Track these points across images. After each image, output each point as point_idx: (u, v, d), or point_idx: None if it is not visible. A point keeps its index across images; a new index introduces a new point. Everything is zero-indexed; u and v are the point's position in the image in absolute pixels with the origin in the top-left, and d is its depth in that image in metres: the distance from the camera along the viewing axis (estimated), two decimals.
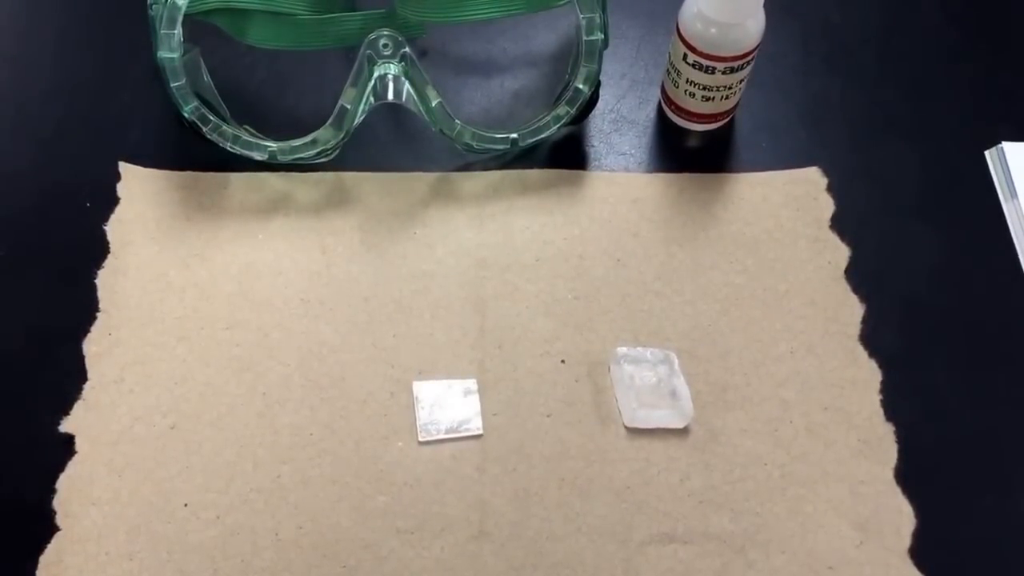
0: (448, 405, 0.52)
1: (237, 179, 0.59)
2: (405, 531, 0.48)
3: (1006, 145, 0.62)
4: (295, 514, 0.48)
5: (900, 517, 0.50)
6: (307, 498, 0.49)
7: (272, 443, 0.50)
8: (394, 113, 0.63)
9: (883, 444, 0.53)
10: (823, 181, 0.61)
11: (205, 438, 0.50)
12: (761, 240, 0.58)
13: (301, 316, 0.54)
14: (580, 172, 0.61)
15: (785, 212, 0.60)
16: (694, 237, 0.58)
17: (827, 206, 0.61)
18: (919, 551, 0.50)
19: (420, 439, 0.51)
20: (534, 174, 0.61)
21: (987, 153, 0.63)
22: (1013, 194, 0.60)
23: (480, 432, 0.51)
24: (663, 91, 0.64)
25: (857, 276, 0.57)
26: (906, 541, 0.50)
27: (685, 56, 0.58)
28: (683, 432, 0.52)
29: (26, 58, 0.66)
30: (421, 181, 0.59)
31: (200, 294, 0.54)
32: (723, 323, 0.55)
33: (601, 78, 0.59)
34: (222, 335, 0.53)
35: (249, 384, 0.52)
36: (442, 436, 0.51)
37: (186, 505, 0.48)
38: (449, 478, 0.49)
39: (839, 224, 0.59)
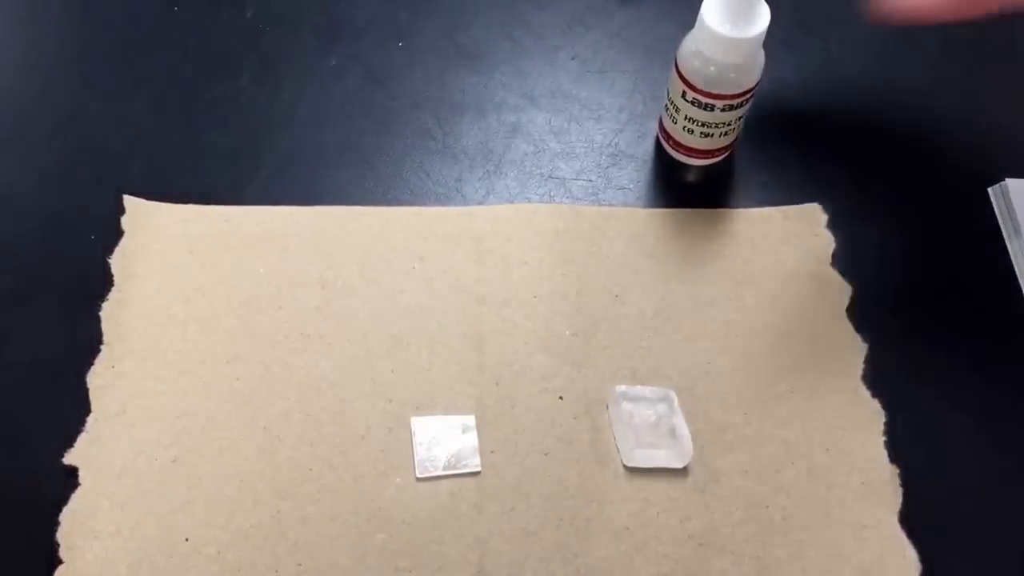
0: (446, 441, 0.52)
1: (239, 212, 0.59)
2: (403, 569, 0.48)
3: (1010, 182, 0.62)
4: (294, 551, 0.48)
5: (905, 563, 0.50)
6: (306, 535, 0.48)
7: (272, 478, 0.50)
8: (393, 145, 0.64)
9: (887, 487, 0.52)
10: (823, 218, 0.60)
11: (206, 472, 0.50)
12: (761, 277, 0.57)
13: (301, 350, 0.54)
14: (578, 207, 0.61)
15: (785, 248, 0.60)
16: (693, 273, 0.57)
17: (828, 243, 0.61)
18: None
19: (418, 475, 0.50)
20: (533, 208, 0.61)
21: (990, 190, 0.63)
22: (1018, 232, 0.60)
23: (478, 469, 0.51)
24: (661, 126, 0.64)
25: (859, 314, 0.56)
26: None
27: (684, 93, 0.58)
28: (682, 472, 0.51)
29: (29, 92, 0.66)
30: (421, 216, 0.59)
31: (202, 328, 0.54)
32: (722, 361, 0.54)
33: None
34: (223, 369, 0.53)
35: (250, 418, 0.52)
36: (440, 473, 0.51)
37: (187, 540, 0.48)
38: (447, 516, 0.49)
39: (840, 261, 0.58)
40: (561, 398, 0.53)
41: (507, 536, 0.49)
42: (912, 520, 0.51)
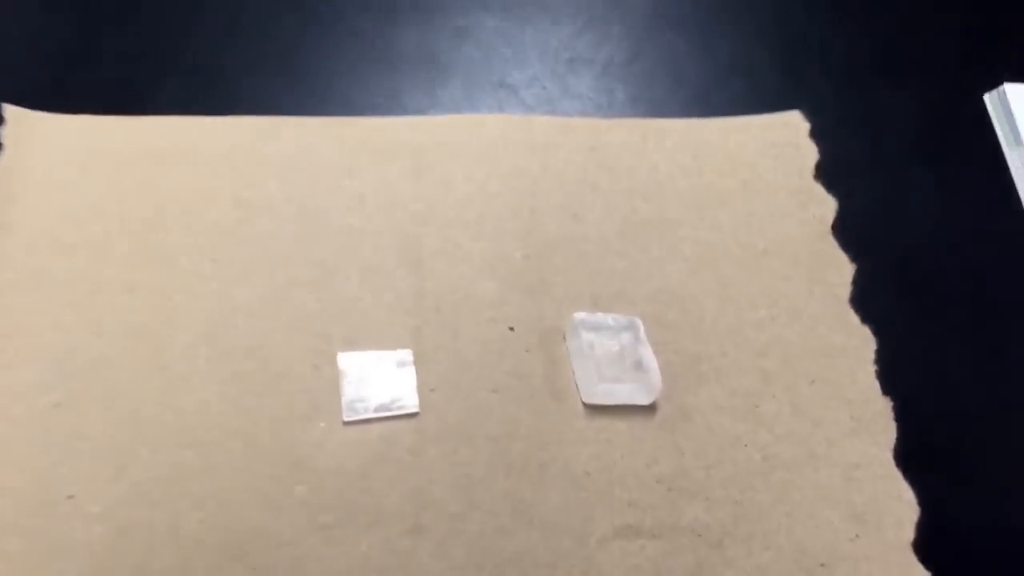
0: (379, 380, 0.46)
1: (141, 123, 0.52)
2: (327, 526, 0.43)
3: (1008, 87, 0.56)
4: (198, 507, 0.42)
5: (901, 505, 0.45)
6: (212, 489, 0.43)
7: (173, 425, 0.44)
8: (324, 50, 0.56)
9: (880, 421, 0.47)
10: (805, 126, 0.56)
11: (94, 418, 0.44)
12: (736, 192, 0.53)
13: (210, 278, 0.48)
14: (531, 117, 0.55)
15: (763, 161, 0.54)
16: (660, 189, 0.53)
17: (810, 154, 0.55)
18: (923, 544, 0.44)
19: (345, 419, 0.45)
20: (479, 120, 0.55)
21: (987, 96, 0.57)
22: (1018, 140, 0.54)
23: (415, 410, 0.45)
24: None
25: (846, 232, 0.52)
26: (908, 533, 0.44)
27: None
28: (650, 409, 0.46)
29: None
30: (352, 127, 0.53)
31: (94, 254, 0.48)
32: (694, 285, 0.50)
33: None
34: (119, 300, 0.47)
35: (148, 357, 0.46)
36: (371, 415, 0.45)
37: (70, 497, 0.42)
38: (379, 464, 0.44)
39: (824, 174, 0.54)
40: (511, 328, 0.48)
41: (449, 484, 0.44)
42: (908, 458, 0.46)
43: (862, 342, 0.49)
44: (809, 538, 0.44)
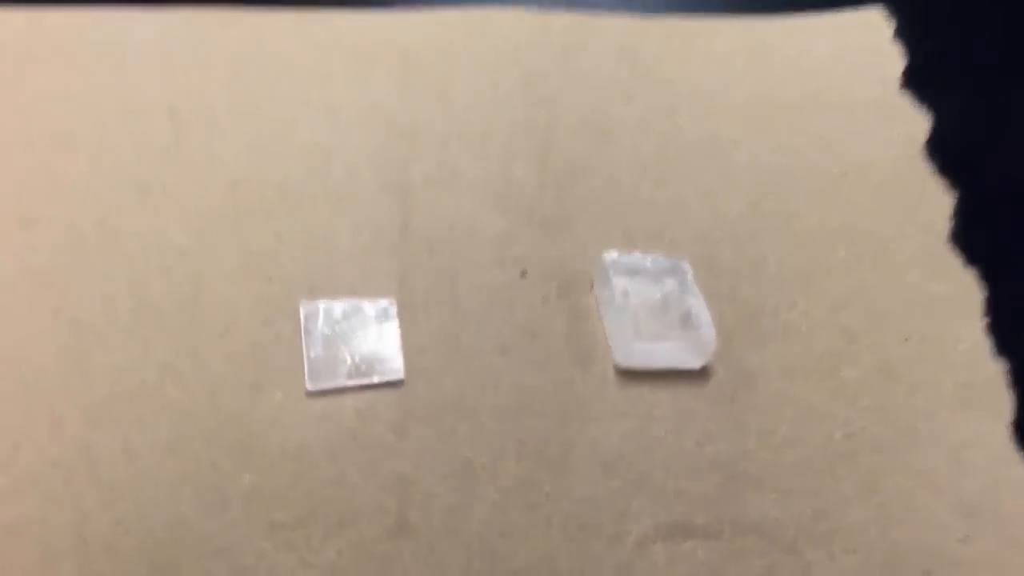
0: (353, 337, 0.38)
1: (50, 16, 0.45)
2: (283, 526, 0.34)
3: None
4: (111, 502, 0.34)
5: (1022, 495, 0.37)
6: (132, 478, 0.35)
7: (82, 395, 0.36)
8: None
9: (992, 389, 0.39)
10: (889, 26, 0.49)
11: None
12: (804, 107, 0.46)
13: (135, 209, 0.40)
14: (549, 14, 0.48)
15: (838, 68, 0.48)
16: (709, 103, 0.46)
17: (894, 59, 0.48)
18: None
19: (309, 388, 0.37)
20: (484, 16, 0.48)
21: None
22: None
23: (400, 376, 0.37)
24: None
25: (942, 153, 0.44)
26: None
27: None
28: (701, 375, 0.38)
29: None
30: (323, 23, 0.46)
31: None
32: (755, 221, 0.42)
33: None
34: (14, 237, 0.39)
35: (51, 308, 0.38)
36: (342, 383, 0.37)
37: None
38: (352, 446, 0.36)
39: (914, 83, 0.47)
40: (524, 273, 0.40)
41: (442, 473, 0.36)
42: None
43: (966, 290, 0.41)
44: (907, 538, 0.36)
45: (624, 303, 0.38)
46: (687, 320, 0.38)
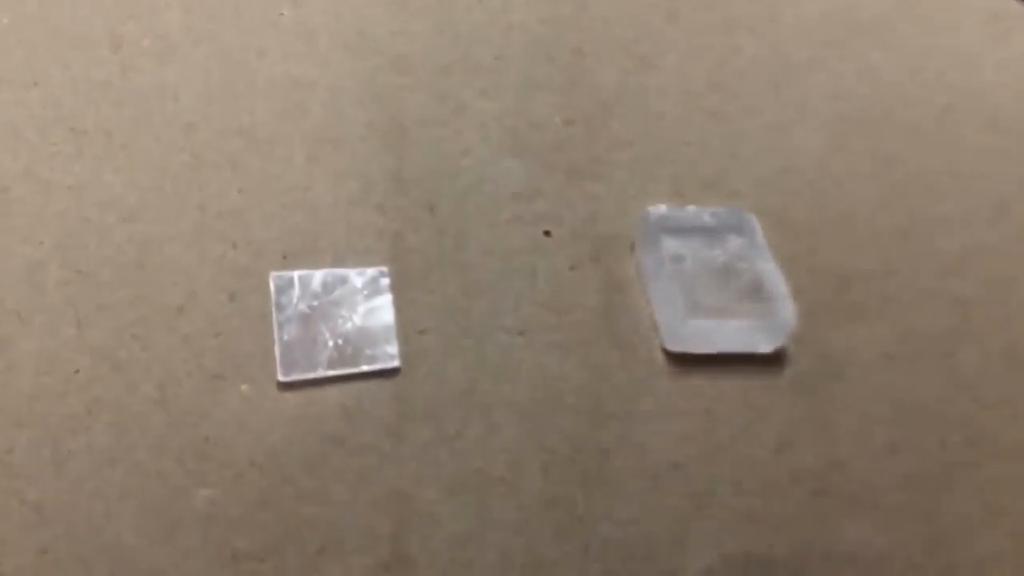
0: (336, 315, 0.31)
1: None
2: (249, 556, 0.28)
3: None
4: (37, 525, 0.28)
5: None
6: (61, 493, 0.29)
7: (3, 389, 0.30)
8: None
9: None
10: None
11: None
12: (896, 21, 0.40)
13: (70, 158, 0.34)
14: None
15: None
16: (775, 18, 0.39)
17: None
18: None
19: (282, 378, 0.30)
20: None
21: None
22: None
23: (395, 364, 0.30)
24: None
25: None
26: None
27: None
28: (775, 361, 0.31)
29: None
30: None
31: None
32: (838, 163, 0.36)
33: None
34: None
35: None
36: (324, 373, 0.30)
37: None
38: (336, 453, 0.29)
39: None
40: (547, 233, 0.33)
41: (448, 488, 0.29)
42: None
43: None
44: None
45: (675, 270, 0.31)
46: (757, 290, 0.31)
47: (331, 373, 0.30)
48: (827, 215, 0.34)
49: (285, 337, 0.30)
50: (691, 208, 0.32)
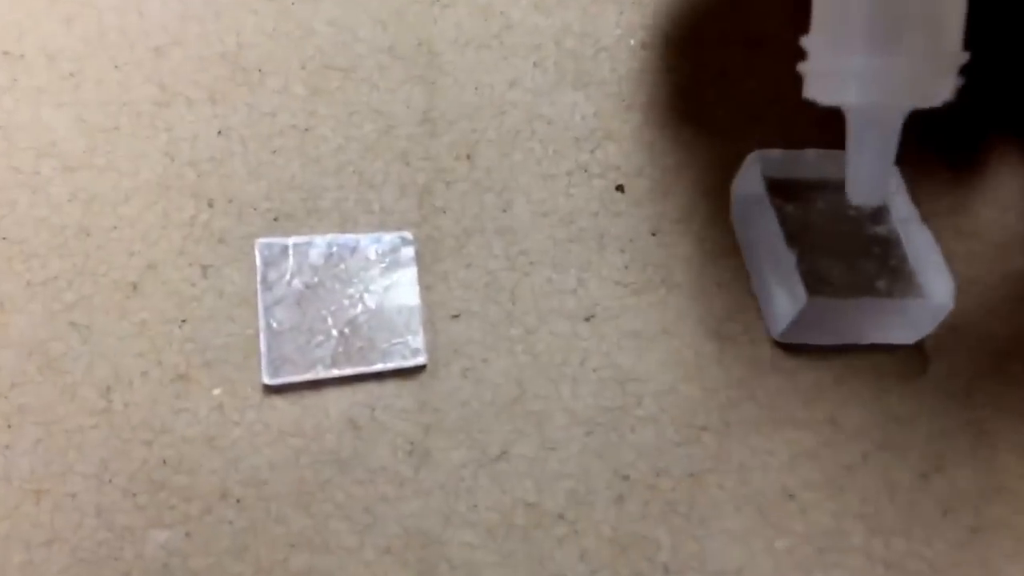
0: (342, 295, 0.23)
1: None
2: None
3: None
4: None
5: None
6: None
7: None
8: None
9: None
10: None
11: None
12: None
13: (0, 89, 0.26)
14: None
15: None
16: None
17: None
18: None
19: (268, 380, 0.22)
20: None
21: None
22: None
23: (420, 361, 0.23)
24: None
25: None
26: None
27: None
28: (921, 357, 0.23)
29: None
30: None
31: None
32: None
33: None
34: None
35: None
36: (323, 373, 0.22)
37: None
38: (340, 481, 0.22)
39: None
40: (620, 188, 0.25)
41: (487, 526, 0.22)
42: None
43: None
44: None
45: (789, 235, 0.23)
46: (900, 262, 0.23)
47: (334, 373, 0.22)
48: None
49: (274, 325, 0.23)
50: (810, 152, 0.24)
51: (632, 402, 0.22)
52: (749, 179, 0.23)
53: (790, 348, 0.23)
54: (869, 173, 0.20)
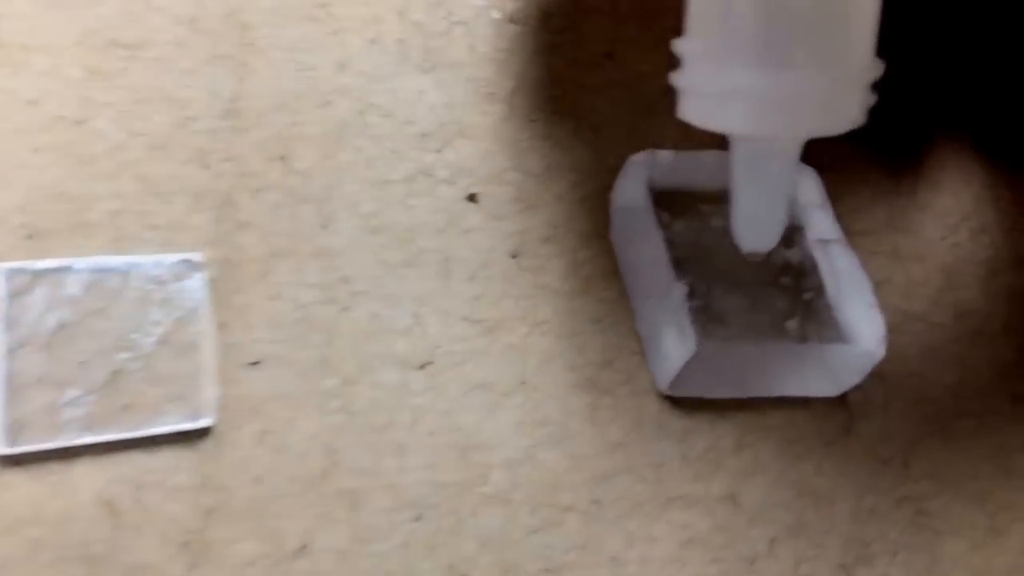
0: (107, 334, 0.18)
1: None
2: None
3: None
4: None
5: None
6: None
7: None
8: None
9: None
10: None
11: None
12: None
13: None
14: None
15: None
16: None
17: None
18: None
19: (5, 449, 0.17)
20: None
21: None
22: None
23: (206, 423, 0.18)
24: None
25: None
26: None
27: None
28: (844, 411, 0.19)
29: None
30: None
31: None
32: None
33: None
34: None
35: None
36: (77, 439, 0.17)
37: None
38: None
39: None
40: (473, 198, 0.20)
41: None
42: None
43: None
44: None
45: (675, 259, 0.18)
46: (815, 294, 0.18)
47: (91, 440, 0.17)
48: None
49: (15, 376, 0.18)
50: (709, 155, 0.19)
51: (476, 476, 0.17)
52: (630, 188, 0.19)
53: (681, 403, 0.18)
54: (758, 214, 0.15)
